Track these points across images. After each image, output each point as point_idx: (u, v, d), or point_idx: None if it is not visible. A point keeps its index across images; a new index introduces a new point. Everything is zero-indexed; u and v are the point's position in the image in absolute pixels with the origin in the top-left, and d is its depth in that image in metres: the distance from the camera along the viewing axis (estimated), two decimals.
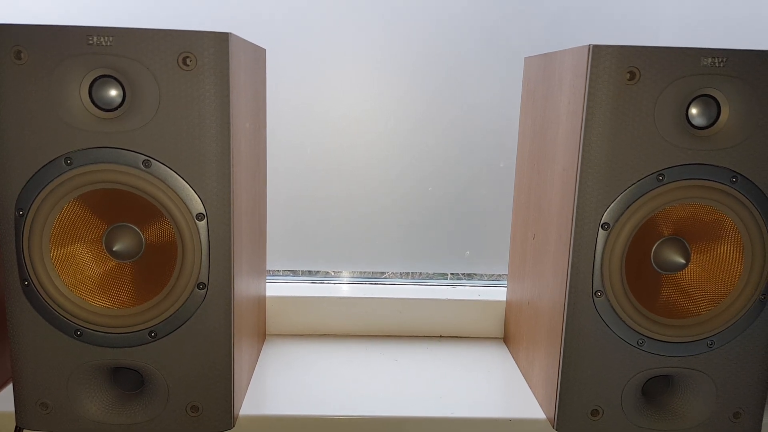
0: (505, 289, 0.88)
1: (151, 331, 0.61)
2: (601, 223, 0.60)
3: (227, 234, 0.59)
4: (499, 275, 0.94)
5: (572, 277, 0.62)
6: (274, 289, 0.88)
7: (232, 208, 0.59)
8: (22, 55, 0.56)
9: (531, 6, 0.86)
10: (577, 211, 0.60)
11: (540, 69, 0.72)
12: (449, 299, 0.88)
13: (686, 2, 0.86)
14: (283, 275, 0.94)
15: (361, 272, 0.94)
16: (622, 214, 0.60)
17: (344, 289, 0.90)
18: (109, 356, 0.61)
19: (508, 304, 0.85)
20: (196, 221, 0.59)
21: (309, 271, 0.94)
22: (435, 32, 0.86)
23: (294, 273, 0.94)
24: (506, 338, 0.87)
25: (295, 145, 0.88)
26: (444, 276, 0.95)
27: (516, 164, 0.82)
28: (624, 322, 0.62)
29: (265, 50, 0.78)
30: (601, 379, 0.64)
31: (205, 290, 0.60)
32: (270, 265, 0.91)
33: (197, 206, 0.59)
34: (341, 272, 0.94)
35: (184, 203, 0.58)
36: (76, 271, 0.60)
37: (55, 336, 0.60)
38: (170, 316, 0.60)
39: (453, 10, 0.86)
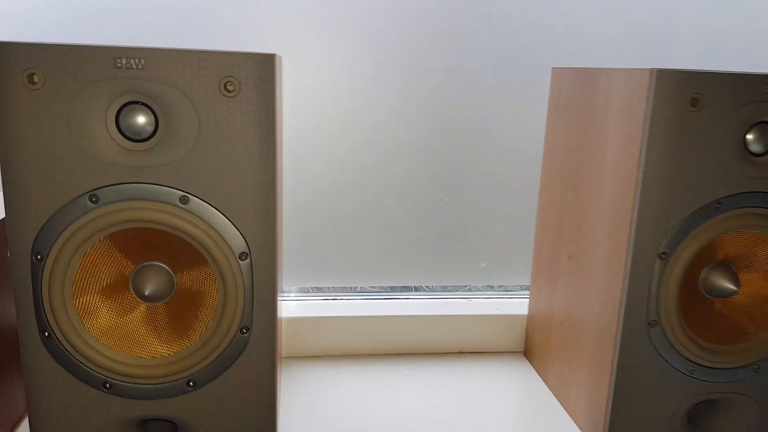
0: (523, 301, 0.87)
1: (190, 380, 0.55)
2: (659, 252, 0.59)
3: (272, 273, 0.55)
4: (520, 287, 0.92)
5: (627, 307, 0.60)
6: (286, 310, 0.84)
7: (279, 246, 0.55)
8: (36, 78, 0.49)
9: (544, 20, 0.83)
10: (634, 240, 0.59)
11: (576, 83, 0.70)
12: (468, 314, 0.85)
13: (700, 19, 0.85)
14: (312, 293, 0.88)
15: (384, 287, 0.90)
16: (679, 243, 0.59)
17: (359, 308, 0.86)
18: (143, 409, 0.56)
19: (531, 318, 0.84)
20: (239, 261, 0.54)
21: (341, 287, 0.89)
22: (451, 43, 0.82)
23: (320, 290, 0.89)
24: (528, 352, 0.85)
25: (306, 160, 0.83)
26: (464, 288, 0.92)
27: (541, 178, 0.79)
28: (677, 350, 0.61)
29: (281, 57, 0.72)
30: (651, 407, 0.63)
31: (248, 334, 0.55)
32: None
33: (240, 245, 0.53)
34: (365, 287, 0.90)
35: (226, 242, 0.53)
36: (102, 318, 0.54)
37: (81, 390, 0.55)
38: (210, 363, 0.55)
39: (470, 21, 0.82)
